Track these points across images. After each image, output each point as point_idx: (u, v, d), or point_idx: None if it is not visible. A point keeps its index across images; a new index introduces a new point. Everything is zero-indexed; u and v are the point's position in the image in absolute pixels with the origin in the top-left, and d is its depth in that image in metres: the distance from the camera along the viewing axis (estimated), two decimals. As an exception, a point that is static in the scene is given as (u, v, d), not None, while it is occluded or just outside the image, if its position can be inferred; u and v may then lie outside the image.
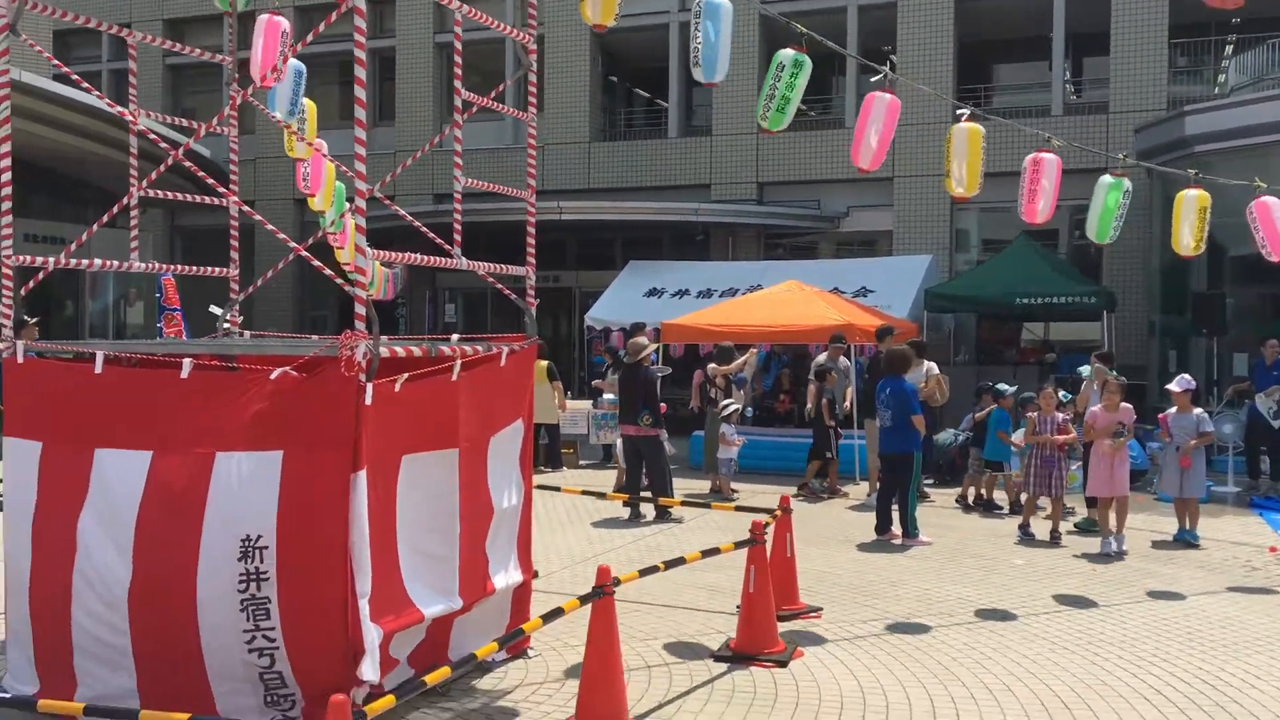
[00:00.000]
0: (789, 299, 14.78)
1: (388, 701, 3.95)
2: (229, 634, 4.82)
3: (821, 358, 13.15)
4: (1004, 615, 7.30)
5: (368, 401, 4.73)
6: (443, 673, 4.31)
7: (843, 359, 13.15)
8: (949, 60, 20.91)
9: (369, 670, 4.77)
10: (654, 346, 11.67)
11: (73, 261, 5.65)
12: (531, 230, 6.65)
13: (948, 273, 20.45)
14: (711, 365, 13.09)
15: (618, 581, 5.02)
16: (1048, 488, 10.00)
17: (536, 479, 10.79)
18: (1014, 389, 11.96)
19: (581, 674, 4.98)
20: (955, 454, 13.29)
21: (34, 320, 12.41)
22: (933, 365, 13.24)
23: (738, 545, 6.22)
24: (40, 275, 5.52)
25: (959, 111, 8.01)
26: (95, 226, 5.76)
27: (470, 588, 5.64)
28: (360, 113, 5.04)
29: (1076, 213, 17.84)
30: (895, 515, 9.90)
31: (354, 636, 4.77)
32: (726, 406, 12.47)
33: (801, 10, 20.00)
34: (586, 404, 15.97)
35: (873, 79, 7.94)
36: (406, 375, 5.10)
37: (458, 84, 6.09)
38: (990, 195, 10.65)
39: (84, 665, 5.08)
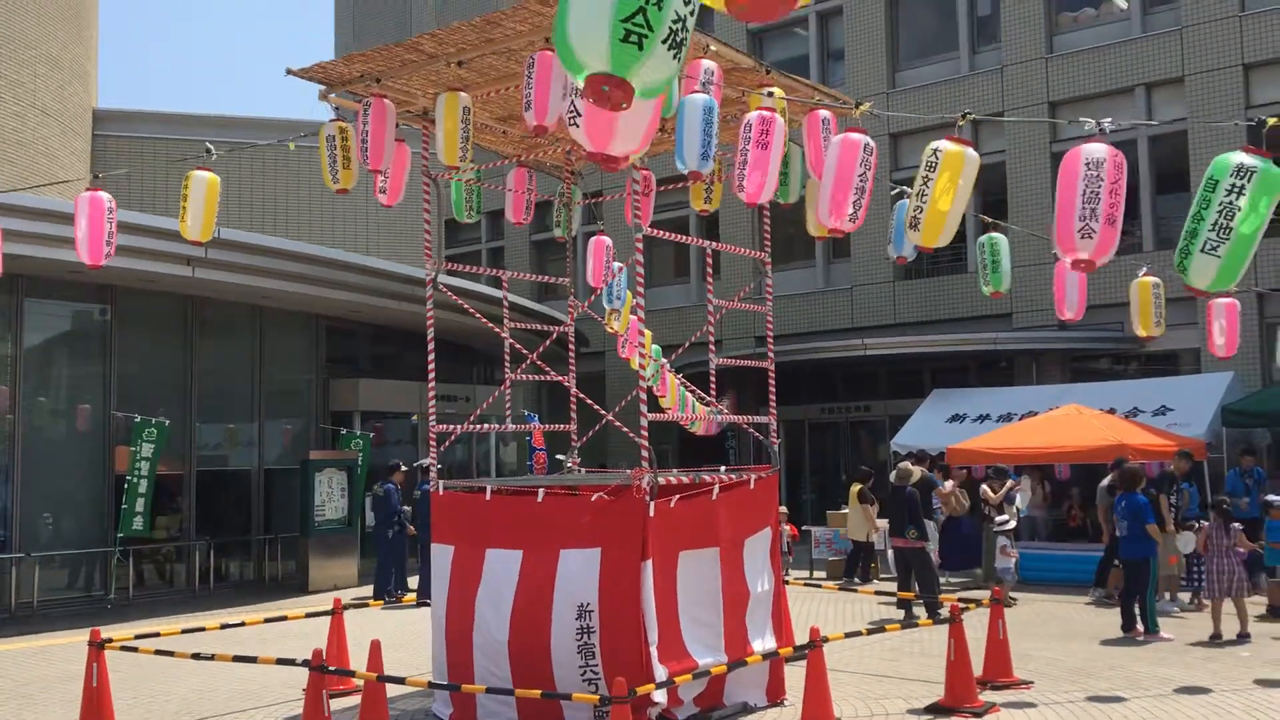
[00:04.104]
0: (1067, 421, 16.05)
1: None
2: (570, 669, 7.36)
3: (1106, 481, 14.38)
4: (1196, 690, 8.58)
5: (651, 514, 7.20)
6: (686, 677, 6.62)
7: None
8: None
9: (659, 695, 7.12)
10: (919, 472, 13.45)
11: (472, 426, 8.63)
12: (772, 381, 8.91)
13: (1261, 385, 20.53)
14: (984, 487, 14.65)
15: (825, 639, 7.13)
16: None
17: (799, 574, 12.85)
18: (1281, 498, 12.75)
19: (802, 711, 7.08)
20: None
21: (405, 467, 16.28)
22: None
23: (936, 623, 8.08)
24: (451, 438, 8.49)
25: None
26: (485, 405, 8.73)
27: (734, 649, 7.90)
28: (640, 293, 7.65)
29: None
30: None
31: (647, 672, 7.15)
32: (1005, 523, 14.00)
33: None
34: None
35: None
36: (679, 495, 7.55)
37: (709, 298, 8.64)
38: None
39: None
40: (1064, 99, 22.65)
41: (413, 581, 15.72)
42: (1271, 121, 6.78)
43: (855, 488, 16.93)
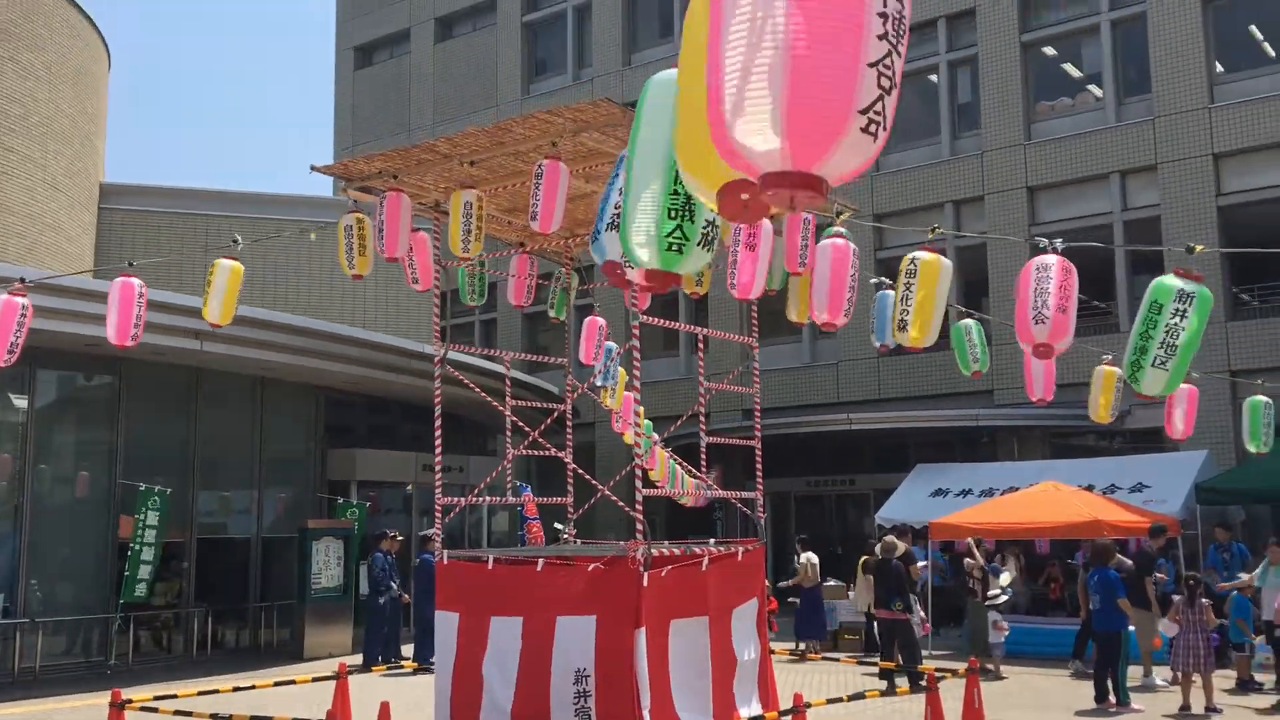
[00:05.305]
0: (1044, 498, 16.57)
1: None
2: (567, 731, 7.78)
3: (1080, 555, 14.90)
4: (1160, 757, 9.02)
5: (644, 584, 7.68)
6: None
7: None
8: (1216, 265, 22.14)
9: (650, 756, 7.54)
10: (904, 546, 13.93)
11: (474, 499, 9.12)
12: (758, 454, 9.43)
13: (1235, 463, 21.08)
14: (967, 560, 15.12)
15: (808, 704, 7.57)
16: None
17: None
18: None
19: (788, 767, 7.51)
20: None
21: (394, 534, 16.67)
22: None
23: (913, 690, 8.53)
24: (455, 510, 8.98)
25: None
26: (490, 478, 9.23)
27: (721, 713, 8.32)
28: (635, 378, 8.19)
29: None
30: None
31: (640, 734, 7.58)
32: (996, 598, 14.47)
33: (1072, 225, 22.07)
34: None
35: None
36: (671, 566, 8.03)
37: (700, 365, 9.19)
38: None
39: (484, 752, 8.19)
40: (1042, 184, 23.52)
41: (406, 650, 16.04)
42: (1199, 248, 7.40)
43: (864, 559, 17.30)
